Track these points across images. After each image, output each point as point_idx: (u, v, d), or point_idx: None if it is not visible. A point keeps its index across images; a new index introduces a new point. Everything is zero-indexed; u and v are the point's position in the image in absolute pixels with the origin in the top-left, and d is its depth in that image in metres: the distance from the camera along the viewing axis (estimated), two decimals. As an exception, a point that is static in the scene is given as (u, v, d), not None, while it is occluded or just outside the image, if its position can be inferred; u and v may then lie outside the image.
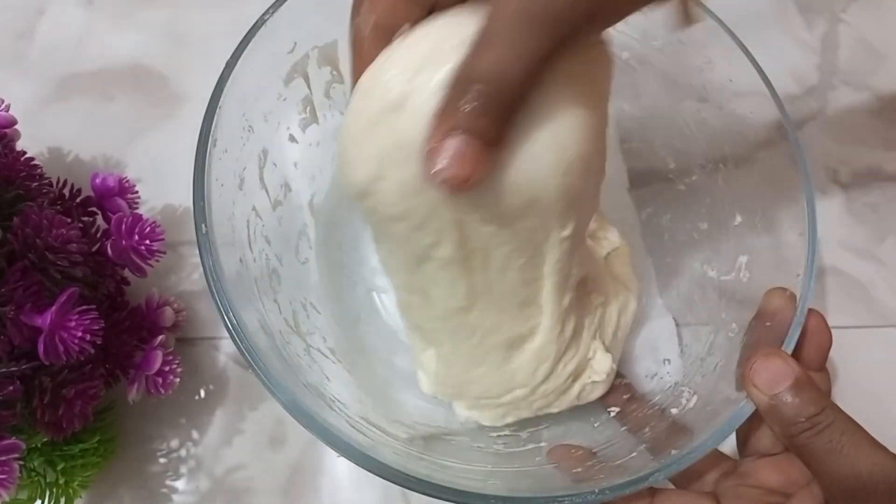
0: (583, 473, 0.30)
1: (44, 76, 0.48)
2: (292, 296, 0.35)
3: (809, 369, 0.28)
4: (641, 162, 0.41)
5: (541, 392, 0.33)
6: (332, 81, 0.38)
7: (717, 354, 0.33)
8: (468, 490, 0.26)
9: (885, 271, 0.45)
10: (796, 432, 0.26)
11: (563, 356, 0.33)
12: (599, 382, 0.34)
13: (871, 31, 0.52)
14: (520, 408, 0.34)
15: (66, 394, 0.31)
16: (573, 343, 0.33)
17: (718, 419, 0.28)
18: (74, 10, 0.50)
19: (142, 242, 0.35)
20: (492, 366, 0.33)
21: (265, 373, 0.27)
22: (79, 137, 0.45)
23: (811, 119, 0.49)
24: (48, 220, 0.31)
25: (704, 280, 0.37)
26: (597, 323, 0.35)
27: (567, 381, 0.34)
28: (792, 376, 0.26)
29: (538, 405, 0.34)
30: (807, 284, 0.30)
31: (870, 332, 0.43)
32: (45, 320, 0.29)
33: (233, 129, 0.32)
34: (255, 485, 0.38)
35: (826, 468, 0.26)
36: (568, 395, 0.34)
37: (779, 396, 0.26)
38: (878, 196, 0.47)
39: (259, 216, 0.34)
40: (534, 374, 0.33)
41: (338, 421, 0.29)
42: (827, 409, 0.26)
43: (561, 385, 0.33)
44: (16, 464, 0.29)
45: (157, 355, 0.35)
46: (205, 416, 0.39)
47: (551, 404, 0.34)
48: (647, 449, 0.30)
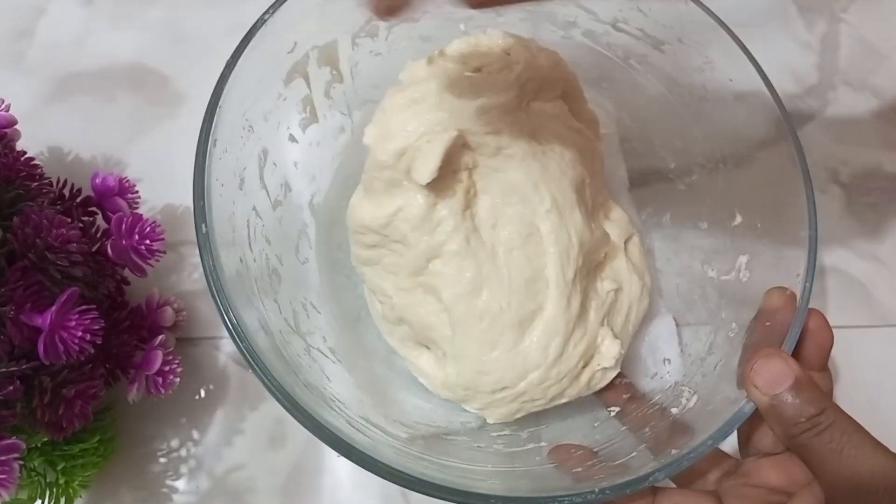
0: (583, 473, 0.30)
1: (44, 76, 0.48)
2: (292, 296, 0.35)
3: (811, 369, 0.28)
4: (641, 162, 0.41)
5: (554, 375, 0.33)
6: (332, 81, 0.39)
7: (717, 354, 0.33)
8: (468, 490, 0.26)
9: (885, 271, 0.45)
10: (797, 432, 0.26)
11: (572, 334, 0.33)
12: (608, 369, 0.34)
13: (871, 31, 0.52)
14: (534, 397, 0.33)
15: (67, 393, 0.31)
16: (581, 322, 0.34)
17: (719, 419, 0.28)
18: (74, 10, 0.50)
19: (142, 242, 0.35)
20: (505, 348, 0.33)
21: (265, 373, 0.27)
22: (79, 137, 0.45)
23: (811, 119, 0.49)
24: (48, 220, 0.31)
25: (704, 280, 0.37)
26: (607, 308, 0.35)
27: (578, 364, 0.33)
28: (792, 377, 0.26)
29: (552, 392, 0.34)
30: (807, 284, 0.30)
31: (870, 332, 0.43)
32: (45, 320, 0.29)
33: (233, 128, 0.32)
34: (256, 484, 0.38)
35: (827, 468, 0.26)
36: (579, 381, 0.34)
37: (779, 397, 0.26)
38: (878, 196, 0.47)
39: (259, 216, 0.34)
40: (545, 352, 0.33)
41: (338, 421, 0.29)
42: (828, 409, 0.26)
43: (572, 369, 0.33)
44: (16, 463, 0.29)
45: (158, 355, 0.35)
46: (205, 415, 0.39)
47: (563, 392, 0.34)
48: (647, 448, 0.30)
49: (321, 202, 0.40)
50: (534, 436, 0.35)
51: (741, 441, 0.31)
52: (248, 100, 0.33)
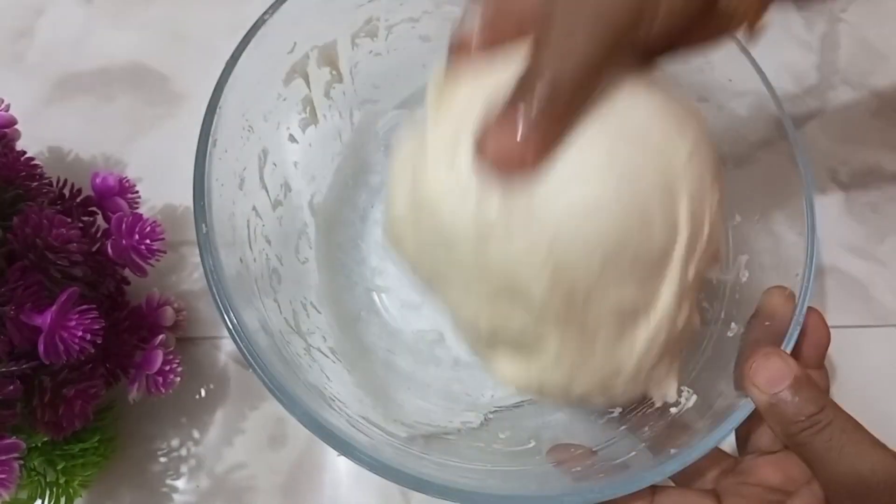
0: (583, 472, 0.30)
1: (43, 75, 0.48)
2: (292, 295, 0.35)
3: (807, 367, 0.29)
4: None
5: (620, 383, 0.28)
6: (332, 81, 0.39)
7: (716, 354, 0.33)
8: (468, 490, 0.26)
9: (884, 271, 0.45)
10: (796, 431, 0.26)
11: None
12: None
13: (871, 31, 0.52)
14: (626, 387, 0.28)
15: (67, 393, 0.31)
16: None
17: (717, 418, 0.28)
18: (74, 10, 0.50)
19: (142, 242, 0.35)
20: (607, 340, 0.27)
21: (265, 372, 0.27)
22: (79, 137, 0.45)
23: (811, 119, 0.49)
24: (48, 220, 0.31)
25: (704, 280, 0.37)
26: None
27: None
28: (791, 375, 0.26)
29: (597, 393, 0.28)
30: (806, 284, 0.30)
31: (870, 332, 0.43)
32: (45, 320, 0.29)
33: (233, 128, 0.32)
34: (256, 484, 0.38)
35: (826, 467, 0.26)
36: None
37: (778, 395, 0.26)
38: (878, 195, 0.47)
39: (259, 216, 0.34)
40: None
41: (338, 420, 0.29)
42: (827, 407, 0.26)
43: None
44: (16, 463, 0.29)
45: (158, 355, 0.35)
46: (205, 415, 0.39)
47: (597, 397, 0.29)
48: (646, 448, 0.30)
49: (321, 202, 0.40)
50: (534, 435, 0.35)
51: (739, 440, 0.31)
52: (247, 100, 0.33)
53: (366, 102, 0.40)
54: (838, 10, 0.53)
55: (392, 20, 0.38)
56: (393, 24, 0.38)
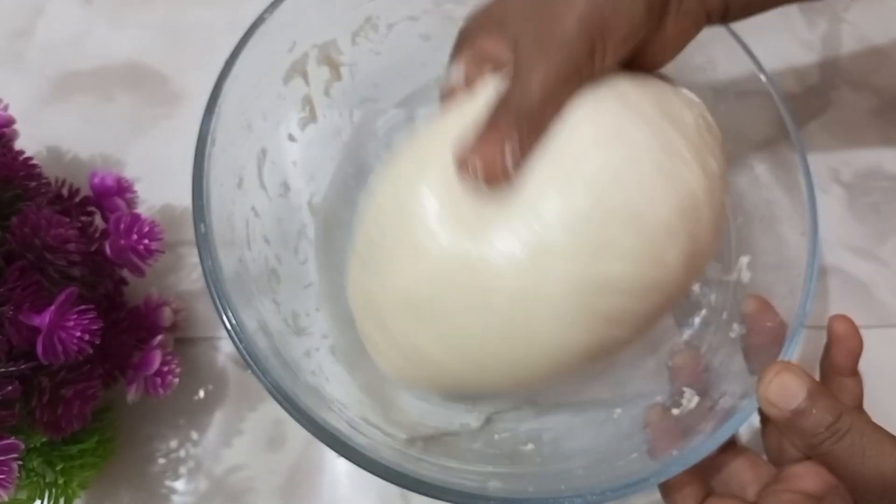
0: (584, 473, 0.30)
1: (42, 75, 0.48)
2: (291, 296, 0.35)
3: (841, 375, 0.29)
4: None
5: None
6: (331, 80, 0.38)
7: (717, 355, 0.33)
8: (468, 491, 0.26)
9: (886, 271, 0.45)
10: (817, 442, 0.26)
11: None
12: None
13: (873, 31, 0.52)
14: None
15: (65, 394, 0.31)
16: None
17: (720, 419, 0.28)
18: (73, 9, 0.50)
19: (140, 242, 0.35)
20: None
21: (264, 373, 0.27)
22: (77, 136, 0.45)
23: (812, 118, 0.49)
24: (46, 220, 0.31)
25: (705, 280, 0.37)
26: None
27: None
28: (805, 389, 0.26)
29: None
30: (808, 284, 0.30)
31: (870, 332, 0.43)
32: (43, 320, 0.29)
33: (232, 128, 0.32)
34: (255, 485, 0.38)
35: (851, 472, 0.26)
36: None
37: (796, 410, 0.26)
38: (880, 195, 0.47)
39: (258, 216, 0.34)
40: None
41: (337, 421, 0.29)
42: (843, 414, 0.26)
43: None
44: (15, 464, 0.29)
45: (156, 355, 0.34)
46: (204, 416, 0.39)
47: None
48: (648, 449, 0.30)
49: (320, 202, 0.40)
50: (533, 436, 0.35)
51: (771, 451, 0.30)
52: (246, 99, 0.33)
53: (365, 101, 0.40)
54: (840, 9, 0.53)
55: (392, 18, 0.38)
56: (393, 22, 0.38)
